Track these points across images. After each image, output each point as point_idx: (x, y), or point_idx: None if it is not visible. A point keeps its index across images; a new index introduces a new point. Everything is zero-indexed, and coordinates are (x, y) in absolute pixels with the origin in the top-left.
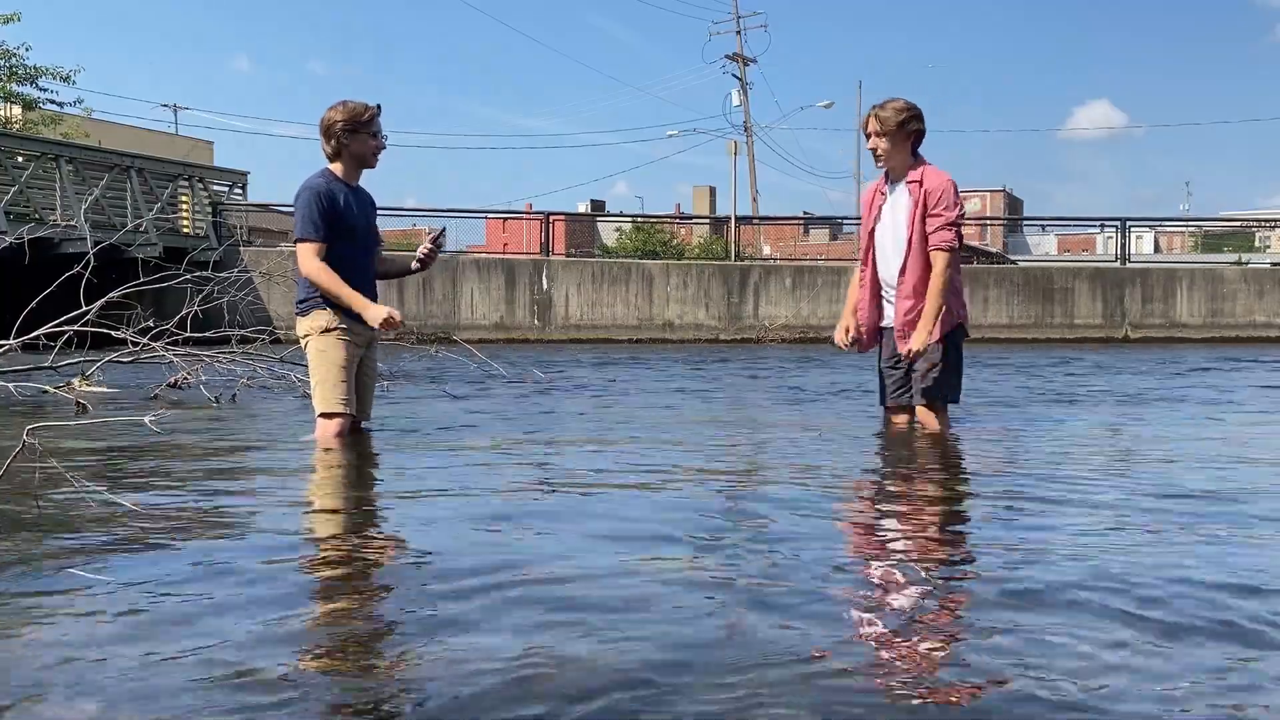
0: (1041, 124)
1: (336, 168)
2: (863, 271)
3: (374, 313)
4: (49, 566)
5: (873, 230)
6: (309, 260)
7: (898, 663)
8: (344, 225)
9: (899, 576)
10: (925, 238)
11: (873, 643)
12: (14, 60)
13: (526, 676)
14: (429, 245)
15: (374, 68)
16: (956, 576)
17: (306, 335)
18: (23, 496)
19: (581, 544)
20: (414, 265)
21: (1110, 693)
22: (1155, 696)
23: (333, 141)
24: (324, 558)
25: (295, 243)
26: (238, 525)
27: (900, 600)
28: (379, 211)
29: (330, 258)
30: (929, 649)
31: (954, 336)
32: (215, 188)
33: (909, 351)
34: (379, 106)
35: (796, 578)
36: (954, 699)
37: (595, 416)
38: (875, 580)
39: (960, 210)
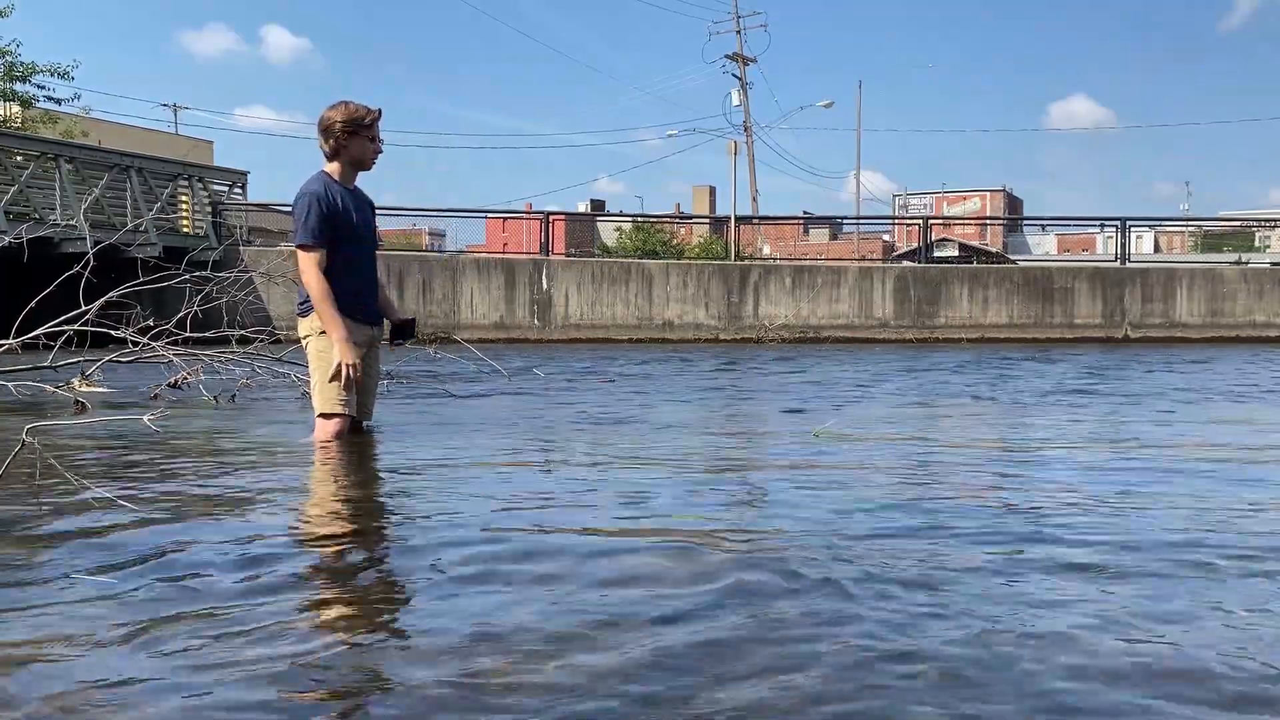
0: (1042, 124)
1: (333, 169)
2: None
3: (340, 351)
4: (48, 566)
5: None
6: (308, 269)
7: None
8: (345, 227)
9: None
10: None
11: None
12: (9, 57)
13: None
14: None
15: (374, 66)
16: None
17: (307, 335)
18: (23, 496)
19: (582, 543)
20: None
21: None
22: None
23: (331, 141)
24: (322, 558)
25: (296, 247)
26: (237, 526)
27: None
28: (377, 211)
29: (335, 260)
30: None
31: None
32: (215, 187)
33: None
34: (379, 111)
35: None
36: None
37: (593, 412)
38: None
39: None
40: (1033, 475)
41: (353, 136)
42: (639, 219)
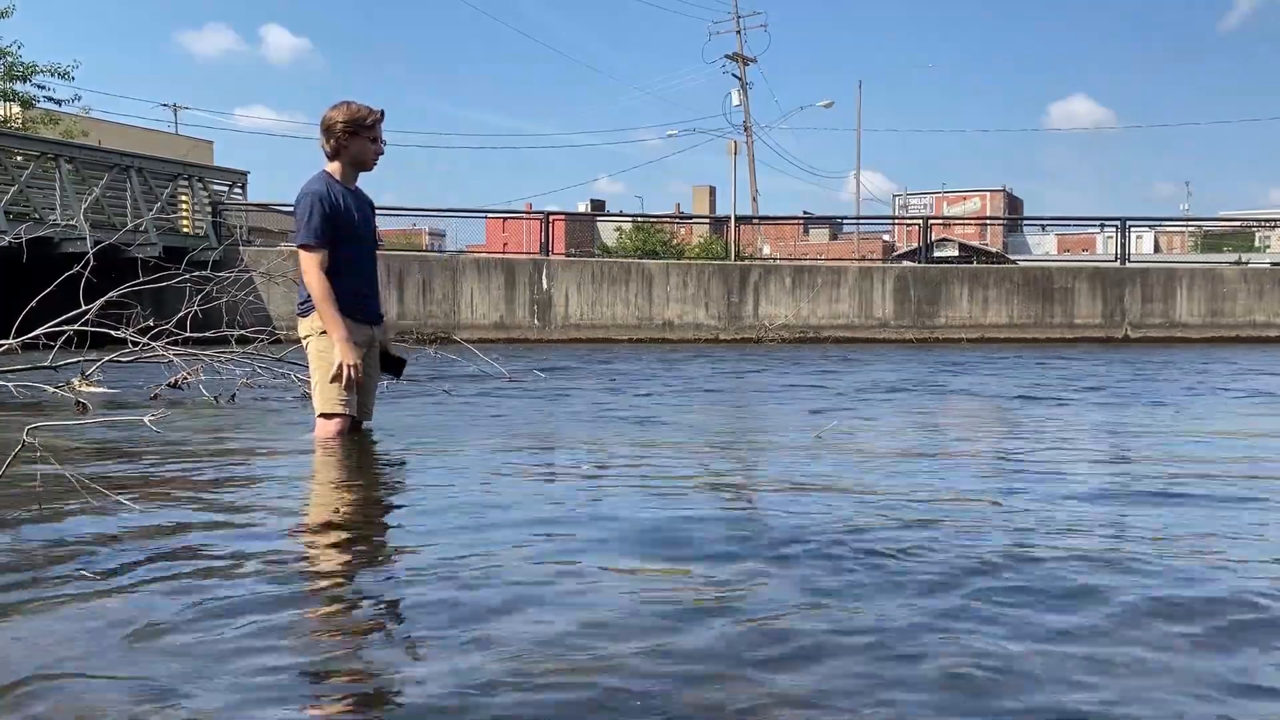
0: (1042, 124)
1: (334, 168)
2: None
3: (341, 351)
4: (49, 566)
5: None
6: (310, 269)
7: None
8: (346, 227)
9: None
10: None
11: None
12: (9, 58)
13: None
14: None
15: (374, 66)
16: None
17: (307, 335)
18: (23, 496)
19: (576, 544)
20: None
21: None
22: None
23: (332, 141)
24: (322, 558)
25: (298, 247)
26: (237, 525)
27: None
28: (377, 211)
29: (335, 260)
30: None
31: None
32: (215, 187)
33: None
34: (382, 112)
35: None
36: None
37: (590, 412)
38: None
39: None
40: None
41: (353, 137)
42: (639, 219)
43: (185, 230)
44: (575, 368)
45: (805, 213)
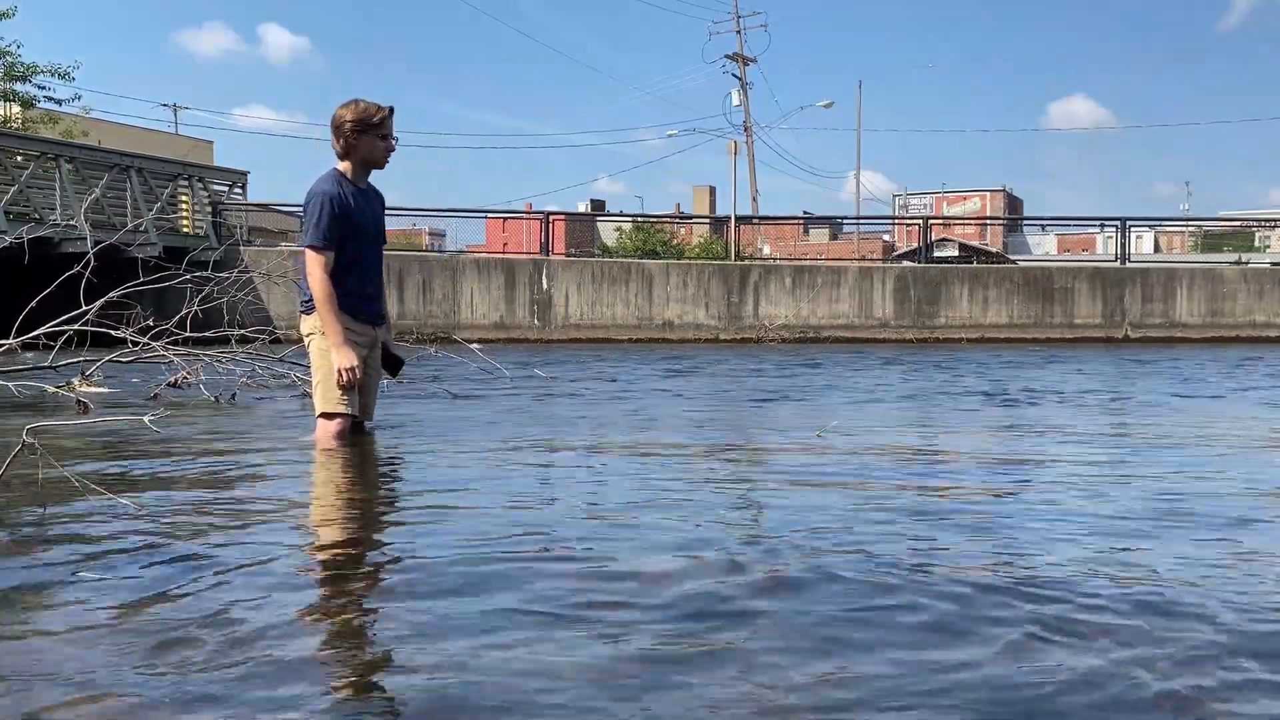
0: (1042, 124)
1: (345, 167)
2: None
3: (339, 356)
4: (51, 566)
5: None
6: (315, 270)
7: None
8: (356, 227)
9: None
10: None
11: None
12: (10, 58)
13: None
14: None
15: (374, 66)
16: None
17: (310, 334)
18: (24, 496)
19: (574, 546)
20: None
21: None
22: None
23: (341, 140)
24: (322, 558)
25: (305, 248)
26: (237, 525)
27: None
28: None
29: (343, 260)
30: None
31: None
32: (215, 187)
33: None
34: (391, 109)
35: None
36: None
37: (592, 413)
38: None
39: None
40: None
41: (362, 135)
42: (639, 219)
43: (185, 230)
44: (573, 369)
45: (805, 213)
